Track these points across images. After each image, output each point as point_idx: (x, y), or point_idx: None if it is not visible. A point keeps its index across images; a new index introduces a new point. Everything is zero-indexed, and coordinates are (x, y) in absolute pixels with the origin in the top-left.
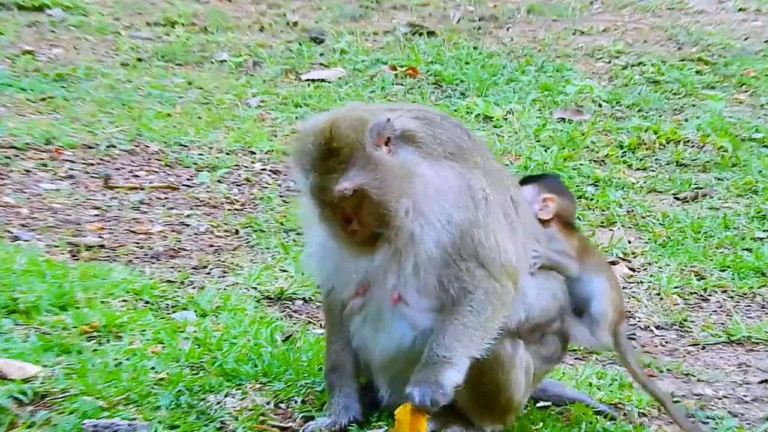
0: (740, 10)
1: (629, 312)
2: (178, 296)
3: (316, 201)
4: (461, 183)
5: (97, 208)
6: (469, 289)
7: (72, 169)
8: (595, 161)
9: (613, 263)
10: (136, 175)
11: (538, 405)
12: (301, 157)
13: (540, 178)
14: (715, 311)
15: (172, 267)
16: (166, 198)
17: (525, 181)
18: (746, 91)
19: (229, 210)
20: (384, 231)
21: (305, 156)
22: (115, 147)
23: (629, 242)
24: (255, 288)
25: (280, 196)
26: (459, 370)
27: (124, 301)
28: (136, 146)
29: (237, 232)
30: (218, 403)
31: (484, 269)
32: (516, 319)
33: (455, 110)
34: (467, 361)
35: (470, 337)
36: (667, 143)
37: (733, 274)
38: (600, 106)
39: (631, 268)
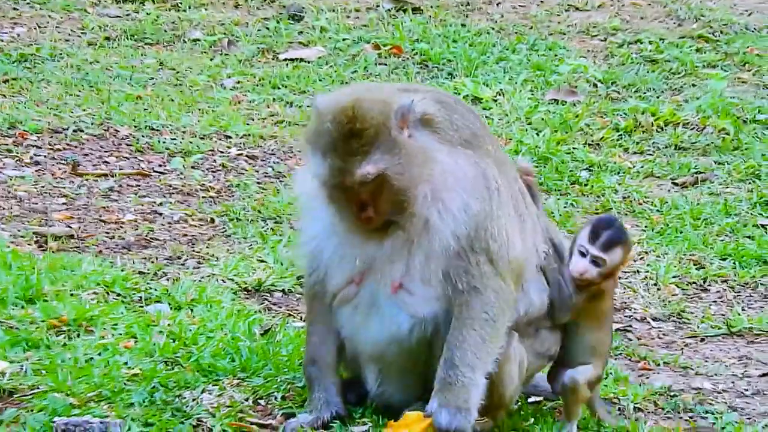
0: None
1: (625, 303)
2: (151, 288)
3: (331, 185)
4: (477, 172)
5: (64, 196)
6: (478, 287)
7: (37, 155)
8: (589, 145)
9: None
10: (106, 161)
11: (530, 400)
12: (317, 137)
13: (621, 235)
14: (715, 302)
15: (145, 258)
16: (137, 185)
17: (610, 244)
18: (749, 70)
19: (203, 197)
20: (398, 219)
21: (323, 137)
22: (82, 131)
23: None
24: (232, 279)
25: (258, 183)
26: (481, 391)
27: (95, 293)
28: (105, 130)
29: (212, 220)
30: (194, 399)
31: (492, 266)
32: (516, 315)
33: None
34: (485, 379)
35: (488, 351)
36: (666, 125)
37: (734, 263)
38: (595, 86)
39: None
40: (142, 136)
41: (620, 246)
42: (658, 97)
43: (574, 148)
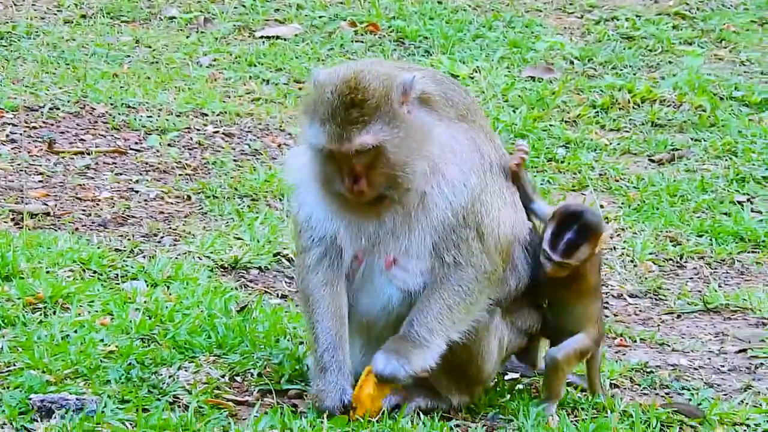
0: None
1: (602, 280)
2: (127, 265)
3: (328, 153)
4: (473, 146)
5: (41, 173)
6: (461, 262)
7: (13, 133)
8: (566, 122)
9: None
10: (82, 139)
11: (507, 377)
12: (316, 107)
13: (583, 234)
14: (692, 278)
15: (121, 235)
16: (113, 163)
17: (570, 249)
18: (726, 47)
19: (180, 175)
20: (391, 194)
21: (323, 105)
22: (59, 109)
23: (602, 207)
24: (208, 257)
25: (234, 161)
26: (433, 354)
27: (71, 270)
28: (82, 108)
29: (189, 198)
30: (171, 376)
31: (480, 242)
32: (505, 290)
33: None
34: (444, 345)
35: (452, 320)
36: (642, 102)
37: (710, 240)
38: (571, 63)
39: None
40: (119, 114)
41: (584, 245)
42: (634, 74)
43: (550, 125)
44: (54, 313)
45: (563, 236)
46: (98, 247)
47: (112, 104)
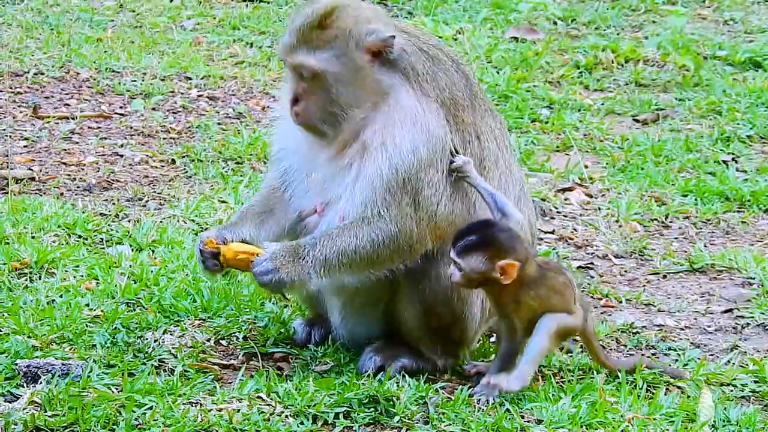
0: None
1: (587, 240)
2: (112, 230)
3: (279, 59)
4: (440, 132)
5: (25, 139)
6: (388, 218)
7: None
8: (549, 82)
9: (569, 189)
10: (67, 104)
11: (492, 339)
12: (293, 17)
13: (483, 242)
14: (677, 238)
15: (106, 199)
16: (98, 127)
17: (465, 249)
18: (709, 6)
19: (164, 139)
20: (325, 128)
21: (297, 18)
22: (43, 74)
23: (586, 167)
24: (193, 220)
25: (218, 124)
26: (310, 282)
27: (56, 235)
28: (66, 73)
29: (173, 162)
30: (156, 340)
31: (414, 210)
32: (415, 264)
33: None
34: (326, 281)
35: (351, 264)
36: (626, 62)
37: (695, 199)
38: (555, 24)
39: (588, 194)
40: (103, 79)
41: (479, 252)
42: (618, 35)
43: (534, 86)
44: (39, 278)
45: (463, 237)
46: (83, 212)
47: (96, 69)
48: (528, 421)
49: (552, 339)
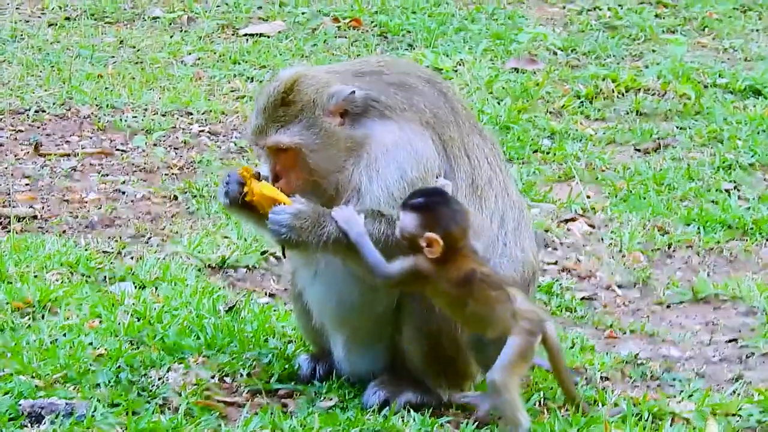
0: None
1: (590, 271)
2: (115, 267)
3: (251, 145)
4: (428, 152)
5: (27, 176)
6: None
7: (0, 136)
8: (551, 113)
9: (572, 219)
10: (68, 141)
11: None
12: (256, 101)
13: (423, 206)
14: (680, 268)
15: (109, 237)
16: (99, 164)
17: (405, 205)
18: (709, 35)
19: (166, 175)
20: (315, 197)
21: (260, 101)
22: (44, 111)
23: (588, 197)
24: (196, 256)
25: (220, 159)
26: (315, 250)
27: (59, 274)
28: (67, 110)
29: (175, 197)
30: (160, 378)
31: None
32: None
33: None
34: (331, 253)
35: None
36: (627, 92)
37: (698, 228)
38: (555, 54)
39: (591, 225)
40: (104, 115)
41: (416, 214)
42: (618, 64)
43: (535, 116)
44: (42, 317)
45: (418, 196)
46: (86, 250)
47: (97, 105)
48: None
49: (514, 372)
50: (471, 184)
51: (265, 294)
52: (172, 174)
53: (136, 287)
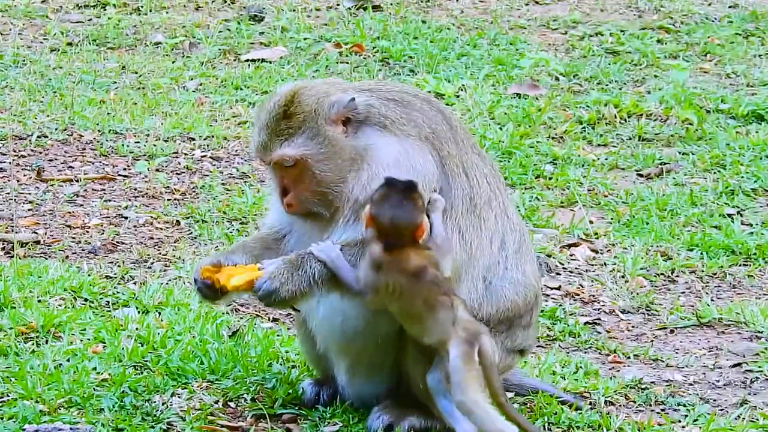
0: None
1: (594, 296)
2: (118, 292)
3: (257, 161)
4: (428, 167)
5: (30, 202)
6: None
7: (2, 162)
8: (553, 138)
9: (575, 245)
10: (71, 166)
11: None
12: (257, 119)
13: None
14: (684, 293)
15: (111, 262)
16: (102, 189)
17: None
18: (711, 60)
19: (169, 200)
20: (321, 211)
21: (261, 117)
22: (47, 137)
23: (591, 222)
24: None
25: (223, 184)
26: (311, 290)
27: (62, 299)
28: (70, 135)
29: (178, 223)
30: (164, 403)
31: None
32: (486, 312)
33: None
34: (325, 291)
35: (347, 285)
36: (629, 117)
37: (701, 254)
38: (557, 79)
39: (594, 250)
40: (106, 141)
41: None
42: (620, 89)
43: (537, 141)
44: (46, 342)
45: (386, 184)
46: (89, 275)
47: (99, 131)
48: None
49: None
50: (470, 202)
51: (269, 319)
52: (175, 199)
53: (139, 312)
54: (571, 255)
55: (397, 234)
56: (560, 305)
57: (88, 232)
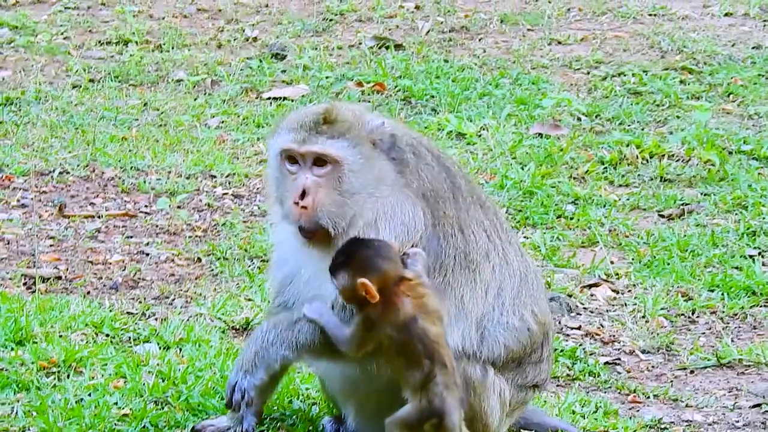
0: (727, 14)
1: (614, 336)
2: (139, 328)
3: (288, 154)
4: (417, 224)
5: (51, 237)
6: None
7: (24, 198)
8: (574, 178)
9: (595, 285)
10: (92, 203)
11: None
12: (290, 121)
13: (344, 260)
14: (704, 333)
15: (133, 298)
16: (123, 226)
17: (330, 270)
18: (734, 101)
19: (190, 237)
20: (330, 226)
21: (297, 118)
22: (68, 173)
23: (612, 263)
24: (219, 318)
25: (244, 222)
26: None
27: (84, 334)
28: (91, 172)
29: (199, 260)
30: None
31: None
32: (485, 356)
33: (426, 127)
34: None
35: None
36: (651, 158)
37: (722, 294)
38: (579, 119)
39: (614, 290)
40: (128, 177)
41: (343, 269)
42: (642, 130)
43: (559, 181)
44: (68, 377)
45: (338, 255)
46: (110, 311)
47: (121, 167)
48: None
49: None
50: (464, 258)
51: None
52: (196, 236)
53: (160, 348)
54: (591, 295)
55: (394, 274)
56: (580, 345)
57: (109, 268)
